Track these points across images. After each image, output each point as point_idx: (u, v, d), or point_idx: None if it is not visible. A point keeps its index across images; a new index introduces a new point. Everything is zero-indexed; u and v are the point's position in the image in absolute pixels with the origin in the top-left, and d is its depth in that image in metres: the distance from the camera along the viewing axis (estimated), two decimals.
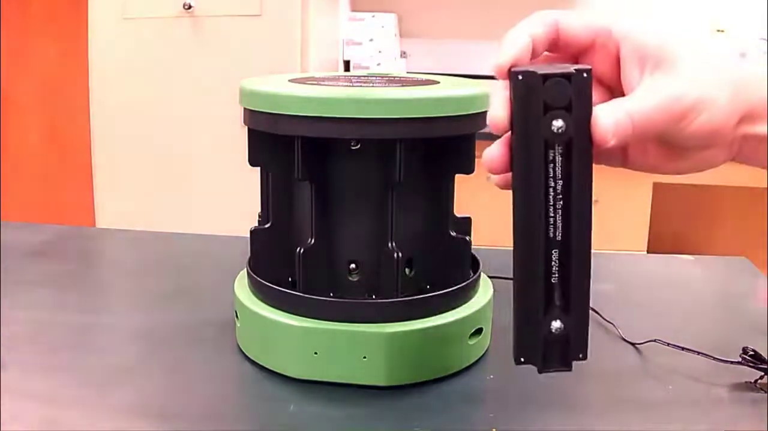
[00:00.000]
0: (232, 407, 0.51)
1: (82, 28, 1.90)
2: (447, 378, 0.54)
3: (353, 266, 0.55)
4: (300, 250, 0.53)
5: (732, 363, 0.54)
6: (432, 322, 0.53)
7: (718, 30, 2.23)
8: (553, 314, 0.39)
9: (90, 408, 0.49)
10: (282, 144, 0.53)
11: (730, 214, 2.45)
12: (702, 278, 0.81)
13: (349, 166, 0.54)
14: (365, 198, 0.54)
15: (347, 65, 2.23)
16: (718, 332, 0.65)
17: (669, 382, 0.54)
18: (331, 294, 0.55)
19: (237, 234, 0.79)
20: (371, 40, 2.23)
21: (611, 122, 0.38)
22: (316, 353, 0.52)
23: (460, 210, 0.59)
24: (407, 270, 0.56)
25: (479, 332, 0.56)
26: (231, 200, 1.72)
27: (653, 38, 0.39)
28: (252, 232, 0.57)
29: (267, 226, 0.57)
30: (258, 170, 0.57)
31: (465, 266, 0.57)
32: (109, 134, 1.90)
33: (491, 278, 0.60)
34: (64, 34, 2.33)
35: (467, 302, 0.55)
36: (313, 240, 0.53)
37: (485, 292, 0.58)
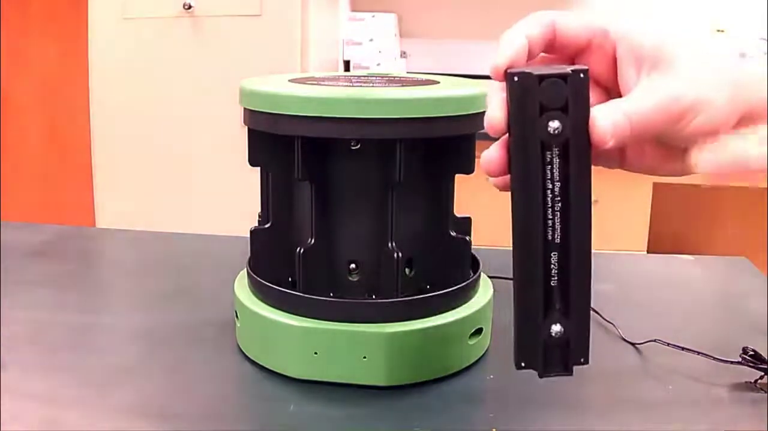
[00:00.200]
0: (232, 407, 0.51)
1: (82, 28, 1.90)
2: (447, 378, 0.54)
3: (353, 266, 0.55)
4: (300, 250, 0.53)
5: (732, 363, 0.54)
6: (432, 322, 0.53)
7: (718, 30, 2.23)
8: (553, 318, 0.39)
9: (90, 408, 0.49)
10: (282, 144, 0.53)
11: (730, 214, 2.45)
12: (702, 278, 0.81)
13: (349, 166, 0.54)
14: (365, 198, 0.54)
15: (347, 65, 2.23)
16: (718, 332, 0.65)
17: (669, 382, 0.54)
18: (331, 294, 0.55)
19: (237, 234, 0.79)
20: (371, 40, 2.23)
21: (609, 123, 0.37)
22: (316, 353, 0.52)
23: (460, 210, 0.59)
24: (407, 270, 0.56)
25: (479, 332, 0.56)
26: (231, 200, 1.72)
27: (650, 38, 0.39)
28: (252, 232, 0.57)
29: (267, 226, 0.57)
30: (258, 170, 0.57)
31: (465, 266, 0.57)
32: (109, 134, 1.90)
33: (491, 278, 0.60)
34: (64, 34, 2.33)
35: (467, 302, 0.55)
36: (313, 240, 0.53)
37: (485, 292, 0.58)
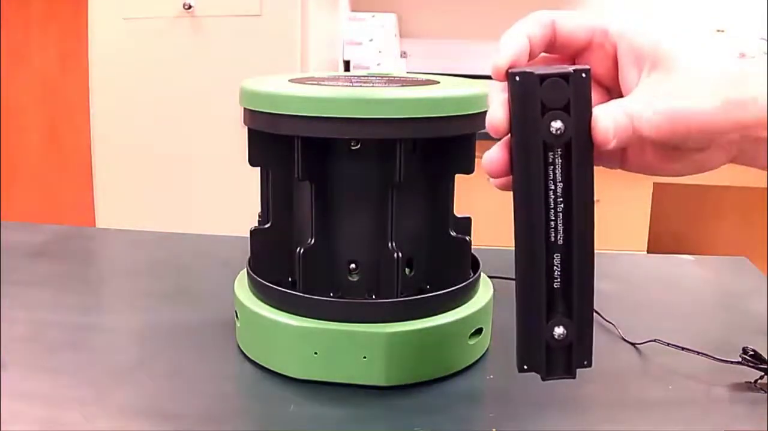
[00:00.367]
0: (232, 407, 0.51)
1: (82, 28, 1.89)
2: (447, 378, 0.54)
3: (353, 266, 0.55)
4: (300, 250, 0.53)
5: (732, 363, 0.54)
6: (432, 322, 0.53)
7: (718, 30, 2.22)
8: (556, 320, 0.39)
9: (90, 408, 0.49)
10: (282, 144, 0.53)
11: (730, 214, 2.45)
12: (702, 278, 0.81)
13: (349, 166, 0.54)
14: (365, 198, 0.54)
15: (347, 65, 2.22)
16: (718, 332, 0.65)
17: (669, 382, 0.54)
18: (331, 294, 0.55)
19: (237, 234, 0.79)
20: (371, 40, 2.23)
21: (611, 123, 0.37)
22: (316, 353, 0.52)
23: (460, 210, 0.58)
24: (407, 270, 0.56)
25: (479, 332, 0.56)
26: (231, 200, 1.72)
27: (649, 38, 0.39)
28: (252, 232, 0.57)
29: (267, 226, 0.57)
30: (258, 170, 0.57)
31: (465, 266, 0.57)
32: (109, 134, 1.90)
33: (491, 278, 0.60)
34: (64, 34, 2.33)
35: (467, 302, 0.55)
36: (313, 240, 0.53)
37: (485, 292, 0.58)
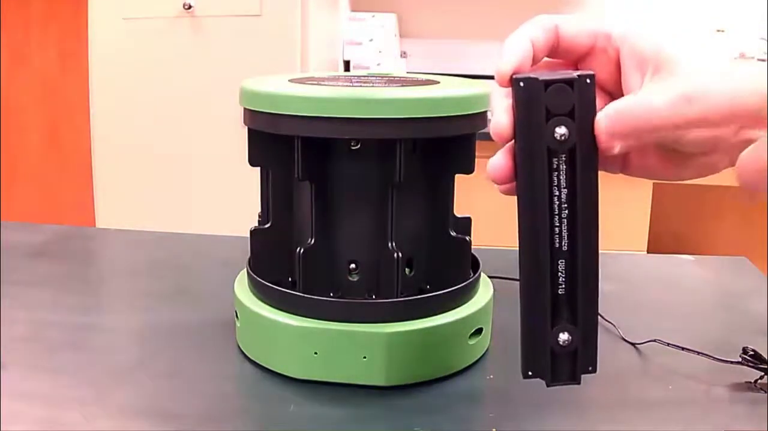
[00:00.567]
0: (232, 407, 0.51)
1: (82, 28, 1.89)
2: (447, 378, 0.54)
3: (353, 266, 0.55)
4: (300, 250, 0.53)
5: (732, 363, 0.54)
6: (432, 322, 0.53)
7: (718, 30, 2.22)
8: (561, 327, 0.39)
9: (90, 408, 0.49)
10: (282, 144, 0.53)
11: (730, 214, 2.45)
12: (702, 278, 0.81)
13: (349, 166, 0.54)
14: (365, 198, 0.54)
15: (347, 65, 2.22)
16: (718, 332, 0.65)
17: (669, 382, 0.54)
18: (331, 294, 0.55)
19: (237, 234, 0.79)
20: (371, 40, 2.23)
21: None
22: (316, 353, 0.52)
23: (460, 210, 0.58)
24: (407, 270, 0.56)
25: (479, 332, 0.56)
26: (231, 200, 1.72)
27: (652, 42, 0.39)
28: (252, 232, 0.57)
29: (267, 226, 0.57)
30: (258, 170, 0.57)
31: (465, 266, 0.57)
32: (109, 134, 1.90)
33: (491, 278, 0.60)
34: (64, 34, 2.33)
35: (467, 302, 0.55)
36: (313, 240, 0.53)
37: (485, 292, 0.58)
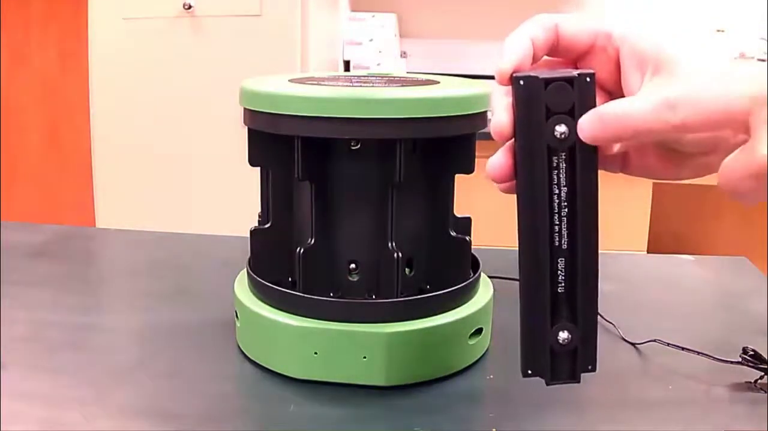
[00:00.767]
0: (232, 407, 0.51)
1: (82, 28, 1.89)
2: (447, 378, 0.54)
3: (353, 266, 0.55)
4: (300, 250, 0.53)
5: (732, 363, 0.54)
6: (432, 322, 0.53)
7: (718, 30, 2.22)
8: (561, 325, 0.39)
9: (90, 408, 0.49)
10: (282, 144, 0.53)
11: (730, 214, 2.45)
12: (702, 278, 0.81)
13: (349, 166, 0.54)
14: (365, 198, 0.54)
15: (347, 65, 2.22)
16: (718, 332, 0.65)
17: (669, 382, 0.54)
18: (331, 294, 0.55)
19: (237, 234, 0.79)
20: (371, 40, 2.23)
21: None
22: (316, 353, 0.52)
23: (460, 210, 0.58)
24: (407, 270, 0.56)
25: (479, 332, 0.56)
26: (231, 200, 1.72)
27: (652, 42, 0.39)
28: (252, 232, 0.57)
29: (267, 226, 0.57)
30: (258, 170, 0.57)
31: (465, 266, 0.57)
32: (109, 134, 1.90)
33: (491, 278, 0.60)
34: (64, 34, 2.33)
35: (467, 302, 0.55)
36: (313, 240, 0.53)
37: (485, 292, 0.58)
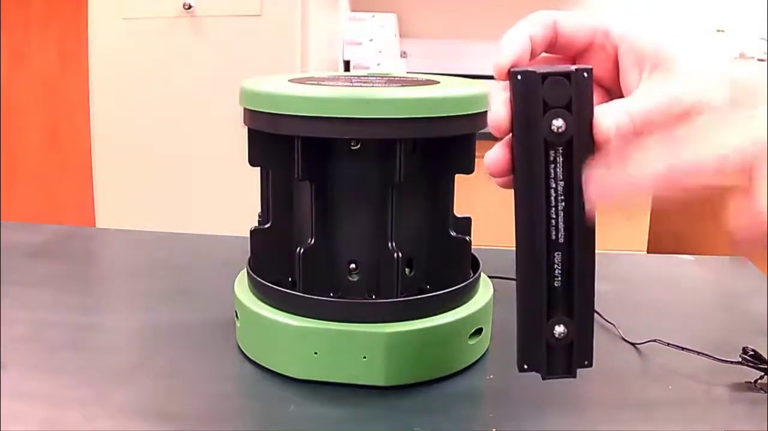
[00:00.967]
0: (232, 407, 0.51)
1: (82, 28, 1.89)
2: (447, 378, 0.54)
3: (353, 266, 0.55)
4: (300, 250, 0.53)
5: (732, 363, 0.54)
6: (432, 322, 0.53)
7: (718, 30, 2.22)
8: (557, 319, 0.39)
9: (90, 408, 0.49)
10: (282, 144, 0.53)
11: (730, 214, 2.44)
12: (702, 278, 0.81)
13: (349, 166, 0.54)
14: (365, 198, 0.54)
15: (347, 65, 2.22)
16: (718, 332, 0.65)
17: (669, 382, 0.54)
18: (331, 294, 0.55)
19: (237, 234, 0.79)
20: (371, 40, 2.23)
21: (612, 122, 0.37)
22: (316, 353, 0.52)
23: (460, 210, 0.59)
24: (407, 270, 0.56)
25: (479, 332, 0.56)
26: (231, 200, 1.72)
27: (650, 40, 0.39)
28: (252, 232, 0.57)
29: (267, 226, 0.57)
30: (258, 170, 0.57)
31: (465, 266, 0.57)
32: (109, 134, 1.90)
33: (491, 278, 0.60)
34: (64, 34, 2.33)
35: (467, 302, 0.55)
36: (313, 240, 0.53)
37: (485, 292, 0.58)
